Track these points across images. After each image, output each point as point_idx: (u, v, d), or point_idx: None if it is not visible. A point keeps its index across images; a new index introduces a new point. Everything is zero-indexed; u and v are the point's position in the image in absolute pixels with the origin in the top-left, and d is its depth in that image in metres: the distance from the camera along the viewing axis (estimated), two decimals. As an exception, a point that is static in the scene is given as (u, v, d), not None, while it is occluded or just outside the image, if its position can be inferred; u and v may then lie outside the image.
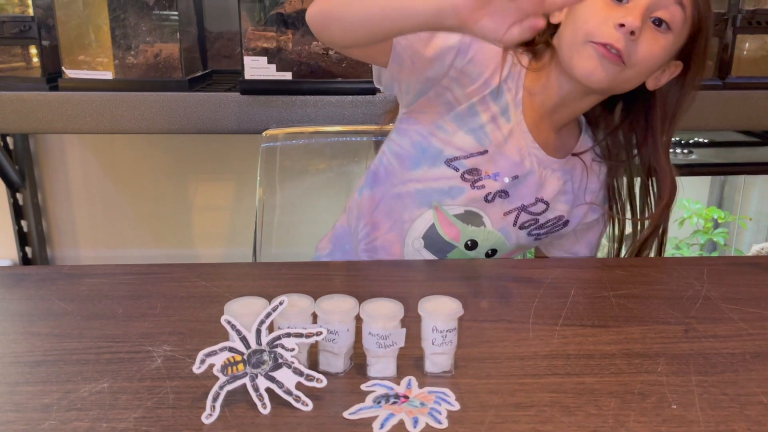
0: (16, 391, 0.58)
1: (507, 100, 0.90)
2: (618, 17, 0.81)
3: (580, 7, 0.85)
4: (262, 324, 0.56)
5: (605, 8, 0.82)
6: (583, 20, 0.84)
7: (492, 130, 0.90)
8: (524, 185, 0.93)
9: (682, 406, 0.57)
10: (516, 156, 0.91)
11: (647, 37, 0.83)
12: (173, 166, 1.88)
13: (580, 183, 0.97)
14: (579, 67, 0.84)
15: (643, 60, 0.83)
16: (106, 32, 1.32)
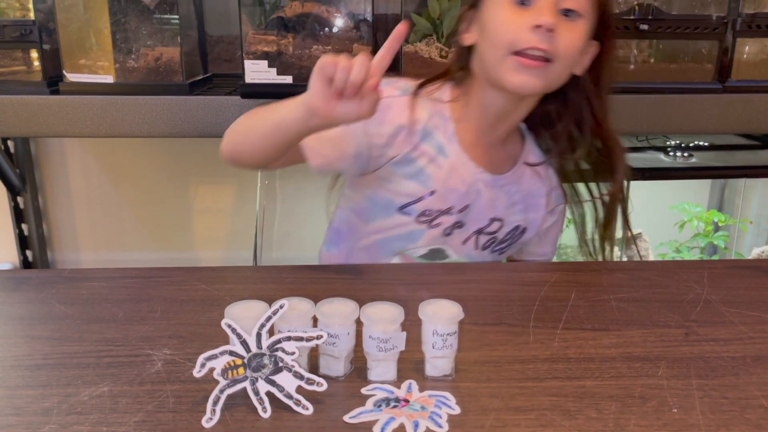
0: (17, 395, 0.58)
1: (438, 139, 0.91)
2: (531, 20, 0.82)
3: (490, 23, 0.86)
4: (263, 327, 0.56)
5: (514, 16, 0.83)
6: (498, 34, 0.84)
7: (433, 171, 0.91)
8: (476, 211, 0.94)
9: (683, 409, 0.56)
10: (462, 187, 0.92)
11: (563, 29, 0.83)
12: (174, 169, 1.88)
13: (530, 189, 0.97)
14: (510, 81, 0.84)
15: (566, 51, 0.84)
16: (107, 36, 1.32)
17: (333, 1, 1.29)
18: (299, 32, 1.29)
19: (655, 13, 1.31)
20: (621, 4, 1.34)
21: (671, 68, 1.38)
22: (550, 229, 1.03)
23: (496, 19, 0.85)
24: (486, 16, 0.87)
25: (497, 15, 0.85)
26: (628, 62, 1.38)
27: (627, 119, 1.35)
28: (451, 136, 0.91)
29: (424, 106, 0.91)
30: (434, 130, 0.91)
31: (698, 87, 1.36)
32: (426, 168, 0.91)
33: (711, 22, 1.33)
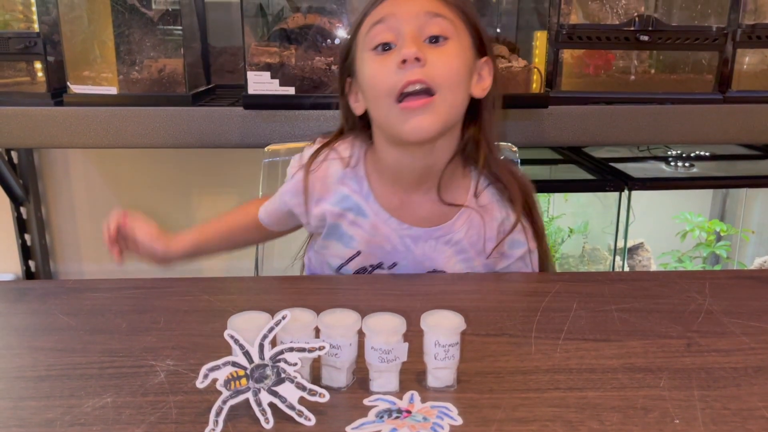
0: (20, 406, 0.58)
1: (355, 201, 0.88)
2: (394, 63, 0.78)
3: (364, 82, 0.82)
4: (265, 338, 0.56)
5: (381, 65, 0.79)
6: (373, 87, 0.81)
7: (354, 232, 0.89)
8: (408, 265, 0.90)
9: (685, 420, 0.56)
10: (387, 245, 0.89)
11: (433, 56, 0.78)
12: (176, 180, 1.89)
13: (478, 235, 0.89)
14: (405, 131, 0.79)
15: (445, 76, 0.79)
16: (110, 48, 1.33)
17: (335, 13, 1.30)
18: (301, 44, 1.30)
19: (656, 25, 1.32)
20: (621, 16, 1.34)
21: (672, 79, 1.39)
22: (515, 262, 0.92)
23: (367, 74, 0.81)
24: (360, 79, 0.84)
25: (366, 71, 0.81)
26: (628, 73, 1.39)
27: (628, 130, 1.35)
28: (367, 195, 0.88)
29: (336, 170, 0.88)
30: (350, 193, 0.88)
31: (699, 97, 1.37)
32: (348, 230, 0.89)
33: (711, 33, 1.34)
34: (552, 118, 1.34)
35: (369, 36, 0.80)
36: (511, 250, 0.90)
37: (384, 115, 0.81)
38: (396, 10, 0.79)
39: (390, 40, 0.79)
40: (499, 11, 1.41)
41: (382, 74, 0.79)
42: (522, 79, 1.31)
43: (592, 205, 1.74)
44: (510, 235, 0.89)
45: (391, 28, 0.79)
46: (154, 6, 1.32)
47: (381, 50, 0.80)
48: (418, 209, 0.89)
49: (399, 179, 0.88)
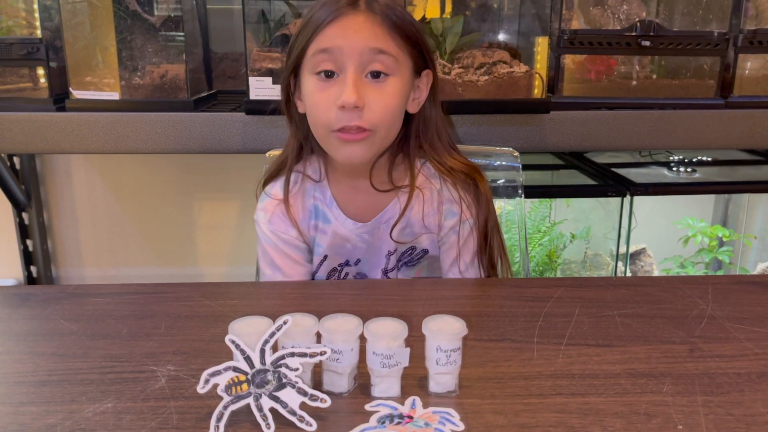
0: (21, 411, 0.58)
1: (321, 209, 0.95)
2: (334, 97, 0.82)
3: (307, 101, 0.86)
4: (266, 344, 0.56)
5: (322, 94, 0.83)
6: (313, 114, 0.86)
7: (321, 239, 0.96)
8: (371, 258, 0.96)
9: (688, 426, 0.56)
10: (348, 245, 0.96)
11: (373, 97, 0.83)
12: (178, 185, 1.89)
13: (417, 216, 0.94)
14: (338, 156, 0.87)
15: (382, 117, 0.84)
16: (112, 53, 1.34)
17: (337, 19, 1.31)
18: (303, 49, 1.30)
19: (657, 30, 1.32)
20: (622, 21, 1.35)
21: (673, 84, 1.39)
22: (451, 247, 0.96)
23: (310, 98, 0.86)
24: (303, 90, 0.87)
25: (309, 93, 0.85)
26: (630, 78, 1.39)
27: (630, 135, 1.35)
28: (330, 202, 0.94)
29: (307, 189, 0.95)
30: (318, 203, 0.95)
31: (701, 103, 1.37)
32: (317, 239, 0.96)
33: (713, 38, 1.34)
34: (554, 124, 1.34)
35: (313, 60, 0.84)
36: (445, 221, 0.95)
37: (321, 138, 0.88)
38: (342, 44, 0.82)
39: (333, 69, 0.83)
40: (500, 17, 1.41)
41: (322, 107, 0.84)
42: (523, 84, 1.31)
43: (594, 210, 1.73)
44: (445, 206, 0.94)
45: (335, 60, 0.82)
46: (157, 12, 1.33)
47: (324, 76, 0.84)
48: (371, 205, 0.94)
49: (351, 180, 0.94)
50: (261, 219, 0.96)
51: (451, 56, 1.33)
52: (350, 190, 0.95)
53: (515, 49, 1.38)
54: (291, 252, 0.96)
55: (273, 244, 0.96)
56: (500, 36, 1.41)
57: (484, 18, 1.39)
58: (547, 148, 1.36)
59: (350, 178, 0.94)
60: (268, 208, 0.95)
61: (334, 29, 0.82)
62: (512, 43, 1.39)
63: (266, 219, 0.95)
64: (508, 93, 1.31)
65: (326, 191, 0.95)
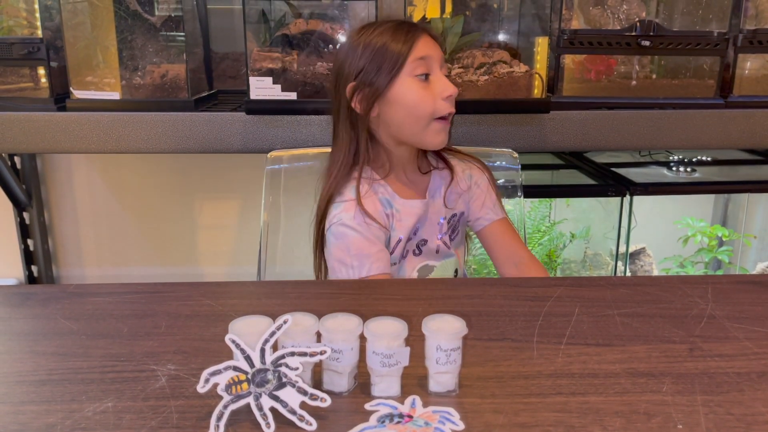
0: (21, 411, 0.58)
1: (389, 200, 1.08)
2: (438, 91, 1.03)
3: (408, 100, 1.03)
4: (267, 343, 0.56)
5: (426, 91, 1.03)
6: (420, 107, 1.03)
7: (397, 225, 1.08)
8: (430, 227, 1.12)
9: (688, 426, 0.56)
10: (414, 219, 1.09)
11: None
12: (179, 185, 1.89)
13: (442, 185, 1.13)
14: (432, 142, 1.06)
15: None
16: (113, 53, 1.34)
17: (337, 19, 1.31)
18: (303, 49, 1.30)
19: (657, 30, 1.32)
20: (622, 21, 1.35)
21: (673, 84, 1.39)
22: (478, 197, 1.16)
23: (413, 96, 1.03)
24: (398, 95, 1.03)
25: (412, 93, 1.03)
26: (630, 78, 1.39)
27: (629, 135, 1.35)
28: (392, 195, 1.08)
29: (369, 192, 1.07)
30: (385, 197, 1.08)
31: (700, 102, 1.37)
32: (394, 225, 1.08)
33: (712, 38, 1.34)
34: (553, 123, 1.34)
35: (412, 66, 1.03)
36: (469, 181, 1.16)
37: (420, 128, 1.04)
38: (433, 53, 1.04)
39: (428, 72, 1.04)
40: (500, 17, 1.41)
41: (428, 101, 1.03)
42: (523, 84, 1.32)
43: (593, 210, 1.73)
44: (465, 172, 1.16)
45: (428, 66, 1.04)
46: (157, 12, 1.33)
47: (423, 79, 1.03)
48: (419, 185, 1.12)
49: (404, 169, 1.11)
50: (346, 219, 1.04)
51: (451, 56, 1.33)
52: (402, 178, 1.11)
53: (515, 49, 1.38)
54: (378, 240, 1.05)
55: (362, 236, 1.03)
56: (500, 36, 1.41)
57: (484, 18, 1.39)
58: (546, 148, 1.36)
59: (404, 166, 1.11)
60: (350, 208, 1.04)
61: (425, 42, 1.04)
62: (512, 43, 1.39)
63: (350, 216, 1.04)
64: (508, 93, 1.31)
65: (387, 187, 1.09)
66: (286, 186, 1.20)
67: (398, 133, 1.06)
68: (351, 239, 1.03)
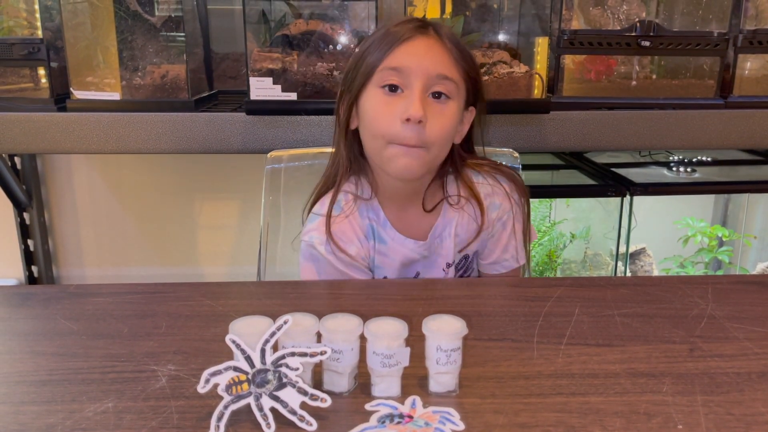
0: (21, 411, 0.58)
1: (377, 231, 0.96)
2: (400, 111, 0.85)
3: (366, 113, 0.89)
4: (267, 343, 0.56)
5: (386, 107, 0.87)
6: (373, 125, 0.88)
7: (381, 260, 0.96)
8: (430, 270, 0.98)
9: (688, 426, 0.56)
10: (407, 262, 0.97)
11: (434, 113, 0.86)
12: (179, 185, 1.89)
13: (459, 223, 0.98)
14: (393, 168, 0.88)
15: (440, 136, 0.87)
16: (113, 54, 1.34)
17: (337, 19, 1.31)
18: (304, 49, 1.30)
19: (657, 30, 1.32)
20: (622, 21, 1.35)
21: (673, 84, 1.39)
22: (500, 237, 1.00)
23: (371, 109, 0.88)
24: (362, 105, 0.90)
25: (371, 105, 0.88)
26: (630, 78, 1.39)
27: (629, 135, 1.35)
28: (384, 222, 0.96)
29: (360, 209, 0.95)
30: (372, 224, 0.96)
31: (700, 103, 1.37)
32: (377, 260, 0.96)
33: (712, 38, 1.34)
34: (553, 124, 1.34)
35: (381, 75, 0.88)
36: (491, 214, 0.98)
37: (377, 149, 0.89)
38: (412, 65, 0.86)
39: (399, 84, 0.87)
40: (500, 17, 1.41)
41: (385, 120, 0.87)
42: (523, 84, 1.32)
43: (593, 210, 1.73)
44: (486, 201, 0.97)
45: (403, 77, 0.87)
46: (157, 12, 1.33)
47: (388, 90, 0.88)
48: (421, 223, 0.97)
49: (401, 198, 0.96)
50: (315, 240, 0.93)
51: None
52: (401, 209, 0.97)
53: (515, 50, 1.38)
54: (350, 270, 0.94)
55: (331, 266, 0.93)
56: (500, 36, 1.41)
57: (484, 18, 1.39)
58: (547, 148, 1.36)
59: (399, 198, 0.96)
60: (321, 228, 0.93)
61: (405, 50, 0.87)
62: (512, 43, 1.39)
63: (322, 240, 0.92)
64: (508, 93, 1.31)
65: (379, 211, 0.96)
66: (286, 186, 1.20)
67: (367, 153, 0.93)
68: (321, 265, 0.93)
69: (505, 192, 0.98)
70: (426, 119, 0.85)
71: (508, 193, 0.98)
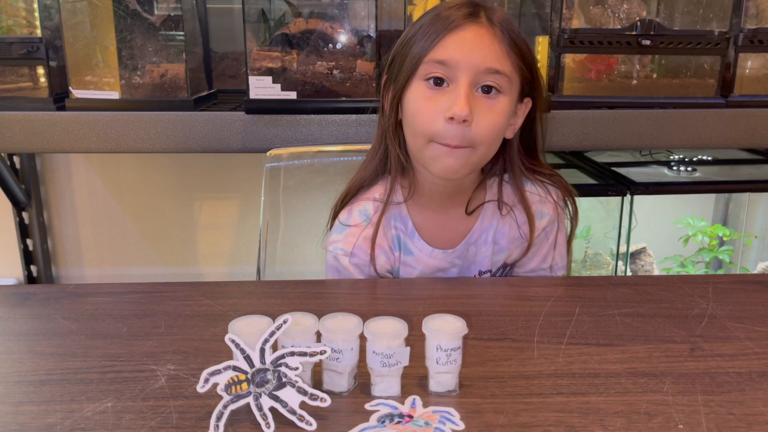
0: (20, 411, 0.58)
1: (402, 240, 0.91)
2: (444, 108, 0.79)
3: (409, 109, 0.83)
4: (266, 343, 0.56)
5: (427, 100, 0.81)
6: (416, 122, 0.82)
7: (407, 272, 0.92)
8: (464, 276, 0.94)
9: (689, 426, 0.56)
10: (438, 273, 0.92)
11: (482, 109, 0.80)
12: (178, 184, 1.89)
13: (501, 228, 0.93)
14: (436, 168, 0.82)
15: (487, 134, 0.81)
16: (112, 53, 1.34)
17: (337, 18, 1.31)
18: (303, 48, 1.30)
19: (657, 29, 1.32)
20: (623, 20, 1.34)
21: (674, 83, 1.39)
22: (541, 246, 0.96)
23: (414, 105, 0.82)
24: (406, 99, 0.84)
25: (414, 99, 0.82)
26: (630, 77, 1.39)
27: (630, 134, 1.35)
28: (411, 232, 0.91)
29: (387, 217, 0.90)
30: (400, 234, 0.91)
31: (701, 102, 1.37)
32: (402, 270, 0.92)
33: (713, 37, 1.33)
34: (554, 123, 1.34)
35: (426, 67, 0.81)
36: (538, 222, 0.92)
37: (419, 147, 0.83)
38: (460, 58, 0.79)
39: (445, 77, 0.81)
40: (500, 16, 1.40)
41: (427, 117, 0.80)
42: (524, 83, 1.31)
43: (594, 209, 1.73)
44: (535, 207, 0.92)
45: (449, 71, 0.80)
46: (156, 11, 1.33)
47: (433, 83, 0.81)
48: (455, 230, 0.91)
49: (436, 206, 0.91)
50: (339, 252, 0.89)
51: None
52: (434, 216, 0.91)
53: (515, 48, 1.37)
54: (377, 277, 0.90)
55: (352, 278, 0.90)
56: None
57: (484, 17, 1.38)
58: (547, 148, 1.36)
59: (437, 202, 0.90)
60: (348, 239, 0.89)
61: (453, 40, 0.80)
62: (512, 42, 1.39)
63: (346, 251, 0.89)
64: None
65: (407, 220, 0.90)
66: (285, 185, 1.20)
67: (409, 149, 0.87)
68: (344, 276, 0.92)
69: (554, 201, 0.93)
70: (472, 117, 0.79)
71: (555, 201, 0.93)
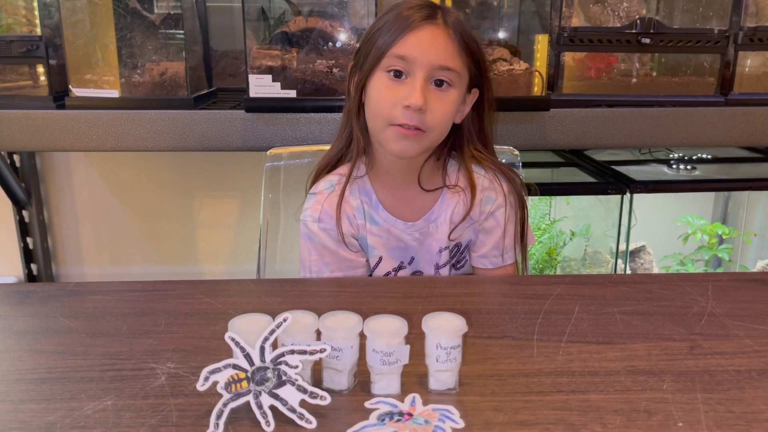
0: (20, 409, 0.58)
1: (368, 212, 1.00)
2: (402, 97, 0.90)
3: (372, 95, 0.94)
4: (266, 341, 0.56)
5: (389, 92, 0.91)
6: (377, 105, 0.93)
7: (373, 241, 1.00)
8: (424, 255, 1.01)
9: (689, 423, 0.56)
10: (401, 244, 1.00)
11: (434, 99, 0.91)
12: (178, 183, 1.89)
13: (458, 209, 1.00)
14: (392, 148, 0.93)
15: (439, 121, 0.93)
16: (112, 51, 1.33)
17: (336, 16, 1.31)
18: (303, 47, 1.30)
19: (657, 27, 1.32)
20: (623, 19, 1.34)
21: (673, 81, 1.39)
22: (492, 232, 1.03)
23: (376, 92, 0.93)
24: (370, 86, 0.94)
25: (377, 89, 0.93)
26: (630, 76, 1.39)
27: (630, 132, 1.35)
28: (375, 204, 1.00)
29: (352, 189, 0.99)
30: (364, 206, 1.00)
31: (701, 100, 1.37)
32: (368, 239, 1.00)
33: (713, 35, 1.33)
34: (553, 121, 1.34)
35: (388, 60, 0.92)
36: (485, 207, 1.01)
37: (378, 129, 0.94)
38: (417, 55, 0.91)
39: (404, 70, 0.92)
40: (500, 15, 1.41)
41: (386, 103, 0.92)
42: (523, 82, 1.31)
43: (593, 208, 1.73)
44: (485, 194, 1.01)
45: (407, 65, 0.91)
46: (156, 10, 1.33)
47: (393, 75, 0.92)
48: (417, 204, 1.00)
49: (396, 180, 1.00)
50: (308, 219, 0.99)
51: (451, 54, 1.32)
52: (395, 191, 1.00)
53: (515, 47, 1.37)
54: (341, 249, 0.98)
55: (321, 243, 0.98)
56: (500, 33, 1.40)
57: (484, 15, 1.39)
58: (547, 146, 1.36)
59: (395, 178, 1.00)
60: (315, 206, 0.98)
61: (412, 39, 0.91)
62: (512, 40, 1.39)
63: (315, 217, 0.98)
64: (508, 90, 1.30)
65: (371, 194, 1.00)
66: (285, 184, 1.20)
67: (370, 130, 0.97)
68: (315, 243, 0.98)
69: (503, 191, 1.02)
70: (426, 107, 0.90)
71: (505, 193, 1.02)
